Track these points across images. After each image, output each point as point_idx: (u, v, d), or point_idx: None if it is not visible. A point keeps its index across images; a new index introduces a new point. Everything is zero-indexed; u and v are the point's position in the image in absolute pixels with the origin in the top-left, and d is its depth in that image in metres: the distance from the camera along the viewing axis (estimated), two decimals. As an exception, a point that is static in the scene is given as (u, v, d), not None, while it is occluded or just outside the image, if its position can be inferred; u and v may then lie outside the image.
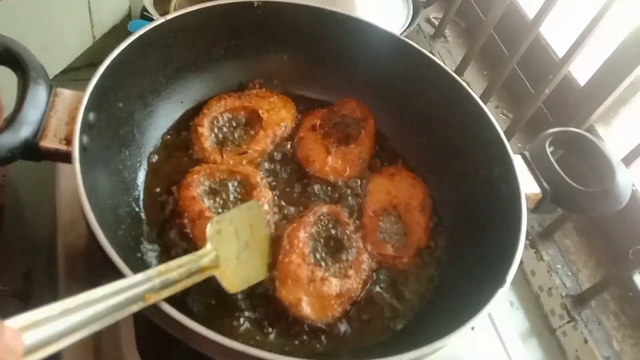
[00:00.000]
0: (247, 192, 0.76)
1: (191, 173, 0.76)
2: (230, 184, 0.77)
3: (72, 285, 0.73)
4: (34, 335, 0.40)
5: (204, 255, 0.61)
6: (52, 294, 0.72)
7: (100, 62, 0.67)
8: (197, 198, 0.73)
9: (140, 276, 0.52)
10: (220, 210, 0.74)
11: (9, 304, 0.75)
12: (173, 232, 0.73)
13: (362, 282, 0.72)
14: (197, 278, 0.59)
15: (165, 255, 0.70)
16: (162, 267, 0.55)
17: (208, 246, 0.62)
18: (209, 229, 0.63)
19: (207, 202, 0.74)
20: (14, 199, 0.90)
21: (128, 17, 1.25)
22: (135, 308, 0.50)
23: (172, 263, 0.56)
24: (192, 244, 0.71)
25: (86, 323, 0.45)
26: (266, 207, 0.75)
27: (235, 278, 0.65)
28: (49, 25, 1.03)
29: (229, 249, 0.65)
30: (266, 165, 0.83)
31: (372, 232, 0.77)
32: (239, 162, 0.80)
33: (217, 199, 0.76)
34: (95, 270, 0.74)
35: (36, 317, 0.41)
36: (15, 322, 0.39)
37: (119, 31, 1.21)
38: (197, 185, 0.74)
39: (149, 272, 0.53)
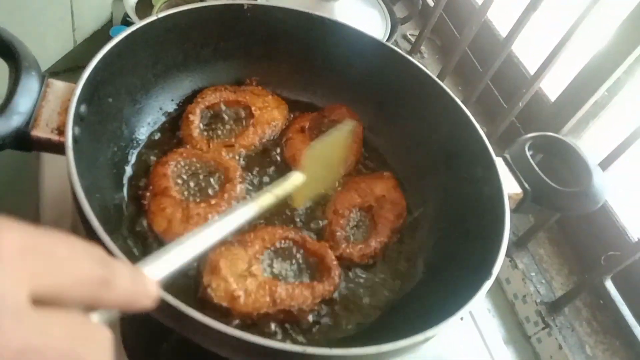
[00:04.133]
0: (221, 183, 0.76)
1: (173, 153, 0.76)
2: (206, 173, 0.76)
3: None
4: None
5: (295, 181, 0.64)
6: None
7: (81, 67, 0.66)
8: (169, 176, 0.73)
9: (244, 204, 0.56)
10: (185, 194, 0.73)
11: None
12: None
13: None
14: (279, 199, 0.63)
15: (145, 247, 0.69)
16: (257, 194, 0.60)
17: (300, 174, 0.65)
18: (305, 159, 0.68)
19: (175, 183, 0.73)
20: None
21: (110, 23, 1.24)
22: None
23: (267, 189, 0.61)
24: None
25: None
26: (234, 202, 0.74)
27: (303, 194, 0.69)
28: (29, 26, 1.02)
29: (313, 170, 0.68)
30: (249, 161, 0.82)
31: (336, 222, 0.77)
32: (224, 153, 0.80)
33: (188, 184, 0.75)
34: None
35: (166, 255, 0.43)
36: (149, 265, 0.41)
37: (100, 37, 1.21)
38: (175, 165, 0.74)
39: (251, 200, 0.58)
